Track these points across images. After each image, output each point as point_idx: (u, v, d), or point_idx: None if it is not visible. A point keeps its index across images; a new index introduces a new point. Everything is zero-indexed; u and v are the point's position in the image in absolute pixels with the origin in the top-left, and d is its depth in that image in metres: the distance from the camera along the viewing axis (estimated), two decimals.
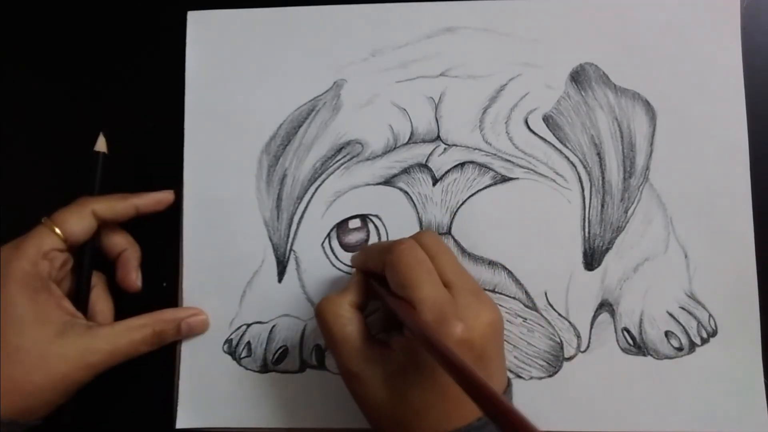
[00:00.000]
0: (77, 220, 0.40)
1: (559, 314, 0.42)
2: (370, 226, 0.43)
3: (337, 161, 0.44)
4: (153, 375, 0.43)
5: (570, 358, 0.42)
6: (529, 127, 0.43)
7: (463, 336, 0.32)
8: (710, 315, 0.42)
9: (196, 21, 0.46)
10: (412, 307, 0.33)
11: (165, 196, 0.43)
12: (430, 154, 0.44)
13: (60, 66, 0.47)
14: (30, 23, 0.47)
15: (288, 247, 0.44)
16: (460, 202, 0.43)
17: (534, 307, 0.42)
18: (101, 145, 0.43)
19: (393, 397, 0.33)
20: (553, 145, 0.43)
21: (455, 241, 0.43)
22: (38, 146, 0.46)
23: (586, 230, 0.43)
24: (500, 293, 0.42)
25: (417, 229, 0.43)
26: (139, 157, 0.45)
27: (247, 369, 0.43)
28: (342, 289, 0.38)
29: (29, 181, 0.46)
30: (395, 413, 0.33)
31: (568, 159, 0.43)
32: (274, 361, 0.43)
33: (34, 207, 0.40)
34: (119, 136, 0.44)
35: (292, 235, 0.44)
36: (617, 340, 0.42)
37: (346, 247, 0.44)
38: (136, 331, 0.40)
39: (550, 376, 0.42)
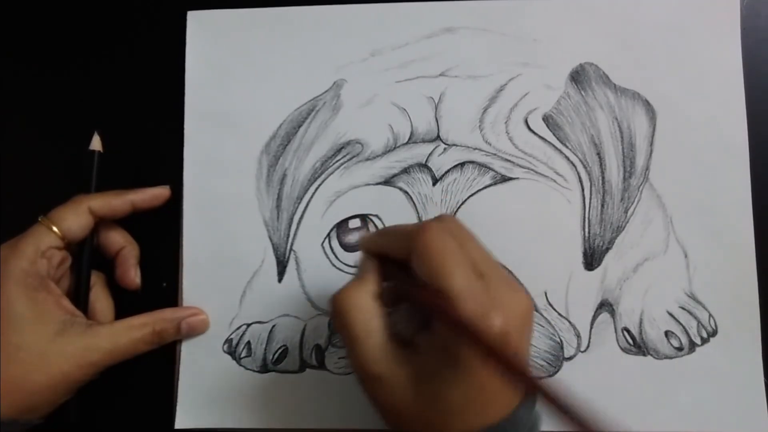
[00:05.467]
0: (74, 218, 0.40)
1: (559, 314, 0.42)
2: (370, 226, 0.43)
3: (337, 161, 0.44)
4: (153, 375, 0.43)
5: (570, 358, 0.42)
6: (529, 127, 0.43)
7: (502, 329, 0.29)
8: (710, 315, 0.42)
9: (196, 21, 0.46)
10: (446, 298, 0.30)
11: (161, 192, 0.43)
12: (430, 154, 0.44)
13: (59, 65, 0.47)
14: (28, 21, 0.47)
15: (288, 247, 0.44)
16: (460, 202, 0.43)
17: (534, 307, 0.42)
18: (96, 143, 0.43)
19: (421, 399, 0.31)
20: (553, 145, 0.43)
21: None
22: (36, 145, 0.46)
23: (586, 230, 0.43)
24: None
25: None
26: (138, 157, 0.45)
27: (246, 369, 0.43)
28: (357, 277, 0.34)
29: (26, 180, 0.46)
30: (423, 415, 0.31)
31: (568, 159, 0.43)
32: (274, 361, 0.43)
33: (30, 206, 0.40)
34: (119, 136, 0.44)
35: (292, 235, 0.44)
36: (617, 340, 0.42)
37: (346, 247, 0.43)
38: (136, 330, 0.40)
39: (550, 376, 0.42)
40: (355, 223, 0.43)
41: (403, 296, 0.34)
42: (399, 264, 0.33)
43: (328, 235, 0.44)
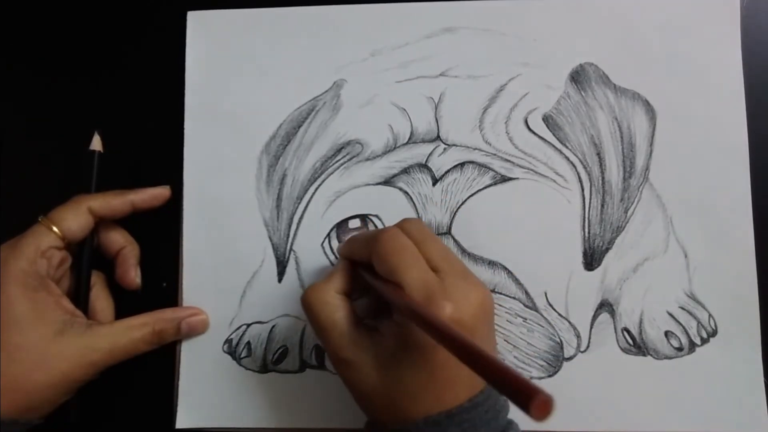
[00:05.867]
0: (74, 218, 0.40)
1: (559, 314, 0.42)
2: (370, 226, 0.43)
3: (337, 161, 0.44)
4: (153, 375, 0.43)
5: (570, 358, 0.42)
6: (529, 127, 0.43)
7: (453, 316, 0.32)
8: (710, 315, 0.42)
9: (196, 21, 0.46)
10: (401, 289, 0.33)
11: (161, 192, 0.43)
12: (430, 154, 0.44)
13: (59, 65, 0.47)
14: (28, 21, 0.47)
15: (288, 247, 0.44)
16: (460, 202, 0.43)
17: (534, 307, 0.42)
18: (96, 143, 0.43)
19: (385, 381, 0.34)
20: (553, 145, 0.43)
21: (455, 241, 0.43)
22: (36, 145, 0.46)
23: (586, 230, 0.43)
24: (500, 293, 0.42)
25: None
26: (138, 158, 0.45)
27: (246, 369, 0.43)
28: (327, 276, 0.37)
29: (26, 180, 0.46)
30: (387, 397, 0.34)
31: (567, 159, 0.43)
32: (274, 361, 0.43)
33: (30, 206, 0.40)
34: (119, 136, 0.44)
35: (292, 235, 0.44)
36: (617, 340, 0.42)
37: None
38: (136, 330, 0.40)
39: (550, 376, 0.42)
40: (354, 223, 0.43)
41: (373, 293, 0.38)
42: (368, 266, 0.36)
43: (328, 235, 0.44)
